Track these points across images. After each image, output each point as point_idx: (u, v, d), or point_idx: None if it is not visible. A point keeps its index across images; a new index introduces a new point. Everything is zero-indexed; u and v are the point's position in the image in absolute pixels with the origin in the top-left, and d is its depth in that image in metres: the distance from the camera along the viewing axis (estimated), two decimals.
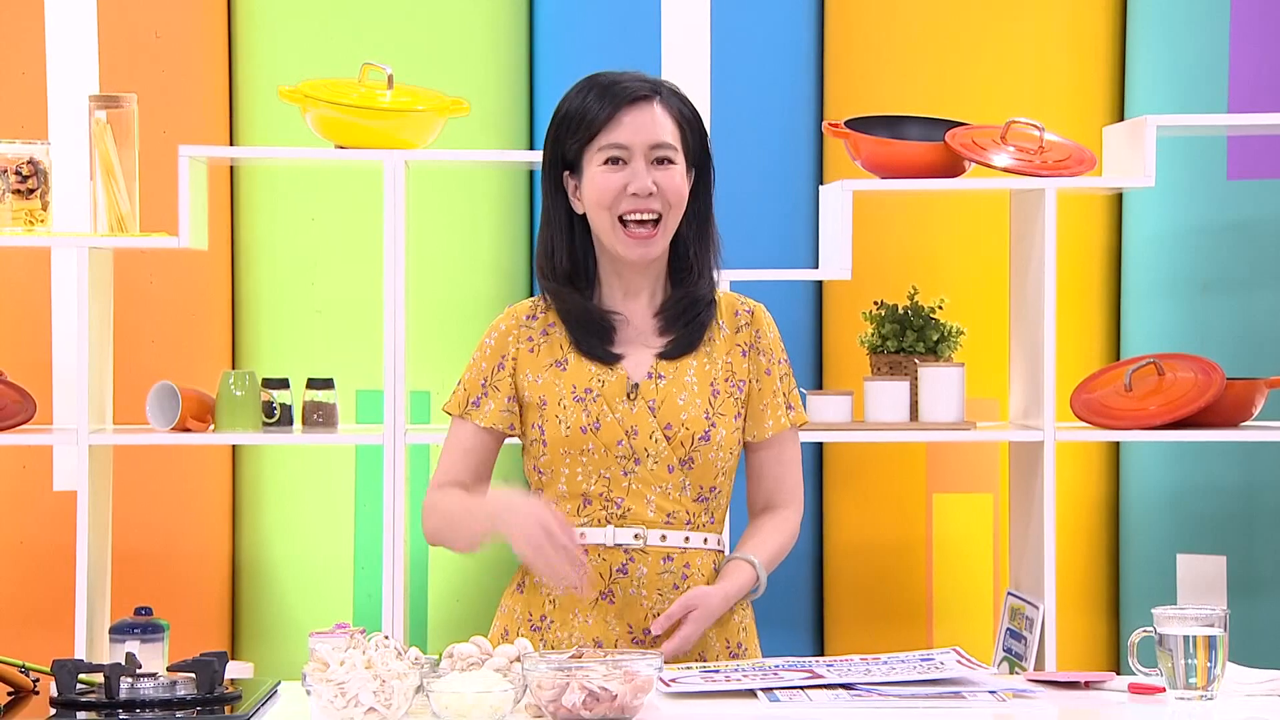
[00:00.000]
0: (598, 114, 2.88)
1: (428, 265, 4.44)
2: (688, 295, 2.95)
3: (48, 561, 4.33)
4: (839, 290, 4.56)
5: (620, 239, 2.89)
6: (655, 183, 2.87)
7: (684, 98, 2.95)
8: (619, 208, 2.88)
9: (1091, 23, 4.55)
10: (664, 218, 2.89)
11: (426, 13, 4.51)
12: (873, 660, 2.81)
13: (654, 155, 2.89)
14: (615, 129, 2.88)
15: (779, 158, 4.59)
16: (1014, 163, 4.02)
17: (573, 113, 2.92)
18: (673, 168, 2.90)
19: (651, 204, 2.88)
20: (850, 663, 2.80)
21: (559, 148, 2.94)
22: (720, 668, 2.79)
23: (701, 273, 2.96)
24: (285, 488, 4.52)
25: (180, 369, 4.37)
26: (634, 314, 2.95)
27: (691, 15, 4.53)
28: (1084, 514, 4.55)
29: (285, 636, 4.49)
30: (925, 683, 2.70)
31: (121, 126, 3.98)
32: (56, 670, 2.64)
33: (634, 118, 2.88)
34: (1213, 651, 2.65)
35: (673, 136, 2.90)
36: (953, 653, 2.82)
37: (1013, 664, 4.08)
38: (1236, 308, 4.34)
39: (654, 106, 2.90)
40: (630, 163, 2.88)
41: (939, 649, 2.87)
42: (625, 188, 2.87)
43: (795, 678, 2.71)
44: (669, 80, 2.97)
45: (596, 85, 2.92)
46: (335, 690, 2.46)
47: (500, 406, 2.94)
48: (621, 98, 2.89)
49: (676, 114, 2.92)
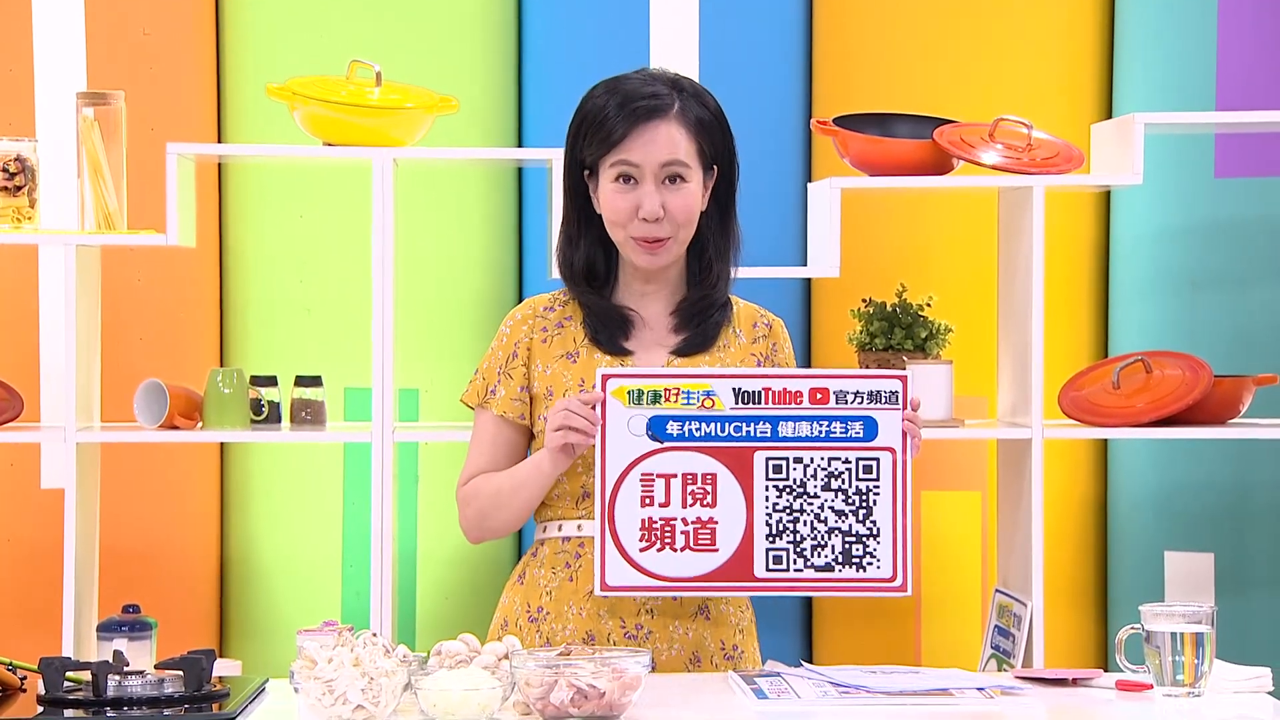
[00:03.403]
0: (613, 129, 2.89)
1: (416, 263, 4.44)
2: (705, 296, 2.97)
3: (35, 559, 4.32)
4: (827, 288, 4.56)
5: (632, 249, 2.93)
6: (665, 205, 2.89)
7: (705, 99, 2.95)
8: (630, 229, 2.90)
9: (1080, 21, 4.56)
10: (673, 237, 2.91)
11: (415, 10, 4.51)
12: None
13: (665, 173, 2.90)
14: (628, 146, 2.89)
15: (767, 155, 4.59)
16: (1002, 160, 4.02)
17: (591, 119, 2.93)
18: (684, 186, 2.91)
19: (659, 229, 2.90)
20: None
21: (577, 151, 2.95)
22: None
23: (720, 273, 2.98)
24: (273, 485, 4.52)
25: (168, 366, 4.37)
26: (650, 313, 2.98)
27: (680, 13, 4.53)
28: (1072, 511, 4.55)
29: (273, 634, 4.49)
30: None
31: (109, 124, 3.98)
32: (44, 668, 2.64)
33: (648, 137, 2.89)
34: (1200, 649, 2.65)
35: (686, 152, 2.90)
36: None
37: (1001, 661, 4.09)
38: (1224, 305, 4.35)
39: (668, 122, 2.90)
40: (641, 183, 2.89)
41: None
42: (636, 210, 2.89)
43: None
44: (687, 78, 2.96)
45: (617, 94, 2.92)
46: (323, 688, 2.46)
47: (512, 395, 2.96)
48: (637, 115, 2.89)
49: (694, 122, 2.91)
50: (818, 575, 2.84)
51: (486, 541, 3.04)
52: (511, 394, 2.96)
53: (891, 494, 2.84)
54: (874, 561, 2.83)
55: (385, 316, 4.00)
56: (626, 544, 2.81)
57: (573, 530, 2.94)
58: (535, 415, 2.96)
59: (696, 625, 2.92)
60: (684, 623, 2.92)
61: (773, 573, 2.83)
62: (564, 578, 2.93)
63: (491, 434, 2.98)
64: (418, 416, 4.46)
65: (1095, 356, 4.57)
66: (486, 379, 2.99)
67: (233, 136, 4.56)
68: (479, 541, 3.00)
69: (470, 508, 2.96)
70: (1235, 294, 4.34)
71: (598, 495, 2.81)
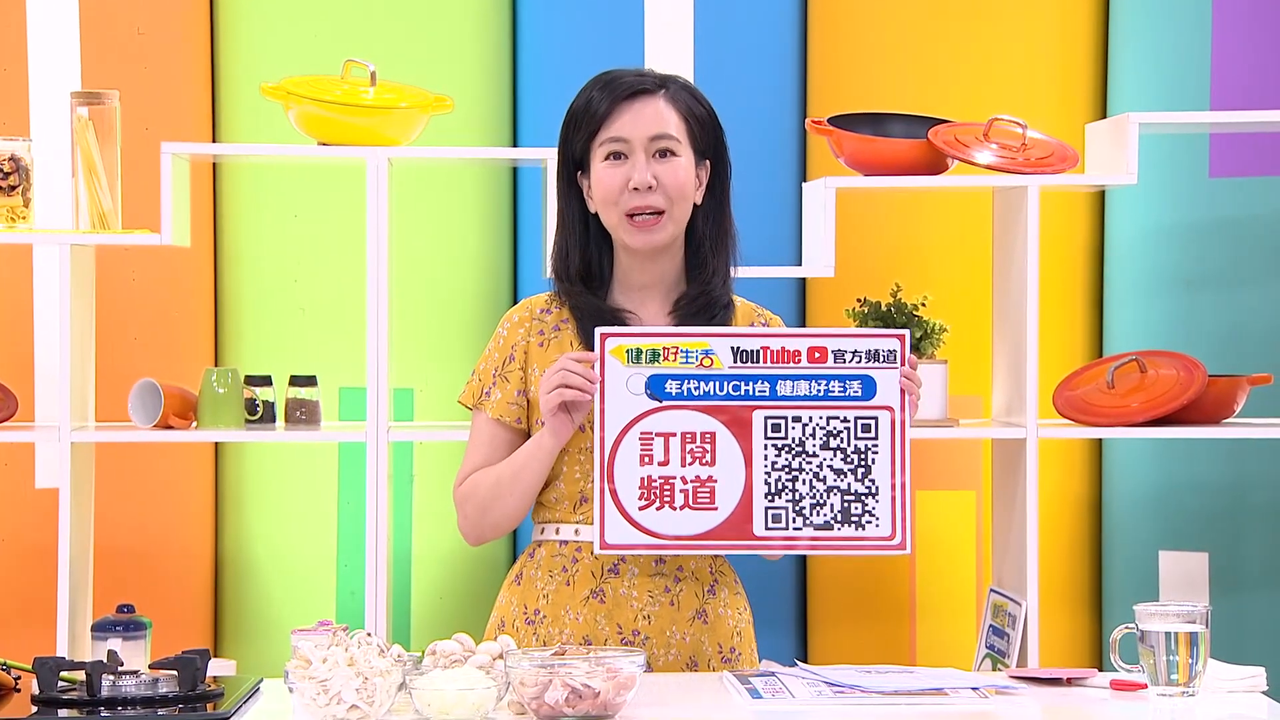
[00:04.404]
0: (598, 108, 2.89)
1: (411, 262, 4.44)
2: (704, 295, 2.95)
3: (29, 559, 4.32)
4: (822, 287, 4.57)
5: (625, 228, 2.91)
6: (656, 176, 2.87)
7: (695, 94, 2.95)
8: (623, 204, 2.89)
9: (1074, 20, 4.56)
10: (667, 211, 2.89)
11: (409, 10, 4.51)
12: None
13: (655, 147, 2.89)
14: (615, 122, 2.89)
15: (762, 155, 4.60)
16: (997, 160, 4.02)
17: (577, 110, 2.93)
18: (675, 160, 2.90)
19: (653, 199, 2.88)
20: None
21: (568, 147, 2.95)
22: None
23: (716, 270, 2.96)
24: (268, 485, 4.52)
25: (162, 366, 4.36)
26: (647, 315, 2.96)
27: (675, 12, 4.53)
28: (1066, 511, 4.55)
29: (268, 634, 4.49)
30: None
31: (103, 123, 3.97)
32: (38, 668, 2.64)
33: (634, 110, 2.89)
34: (1194, 648, 2.65)
35: (676, 129, 2.90)
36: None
37: (995, 661, 4.09)
38: (1218, 305, 4.35)
39: (657, 100, 2.90)
40: (631, 156, 2.89)
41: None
42: (627, 183, 2.88)
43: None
44: (681, 77, 2.97)
45: (600, 81, 2.93)
46: (318, 688, 2.46)
47: (508, 398, 2.95)
48: (620, 91, 2.89)
49: (684, 109, 2.92)
50: (817, 534, 2.84)
51: (486, 543, 3.02)
52: (508, 398, 2.95)
53: (890, 453, 2.84)
54: (873, 520, 2.84)
55: (380, 316, 4.00)
56: (626, 502, 2.81)
57: (570, 535, 2.93)
58: (532, 420, 2.95)
59: (694, 629, 2.92)
60: (681, 627, 2.91)
61: (772, 531, 2.83)
62: (561, 582, 2.93)
63: (488, 436, 2.97)
64: (413, 416, 4.46)
65: (1090, 356, 4.57)
66: (483, 381, 2.98)
67: (227, 136, 4.56)
68: (479, 543, 2.98)
69: (469, 504, 2.94)
70: (1230, 294, 4.34)
71: (596, 454, 2.80)
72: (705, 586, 2.93)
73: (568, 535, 2.93)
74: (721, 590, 2.95)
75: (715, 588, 2.94)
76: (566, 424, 2.84)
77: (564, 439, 2.85)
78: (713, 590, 2.94)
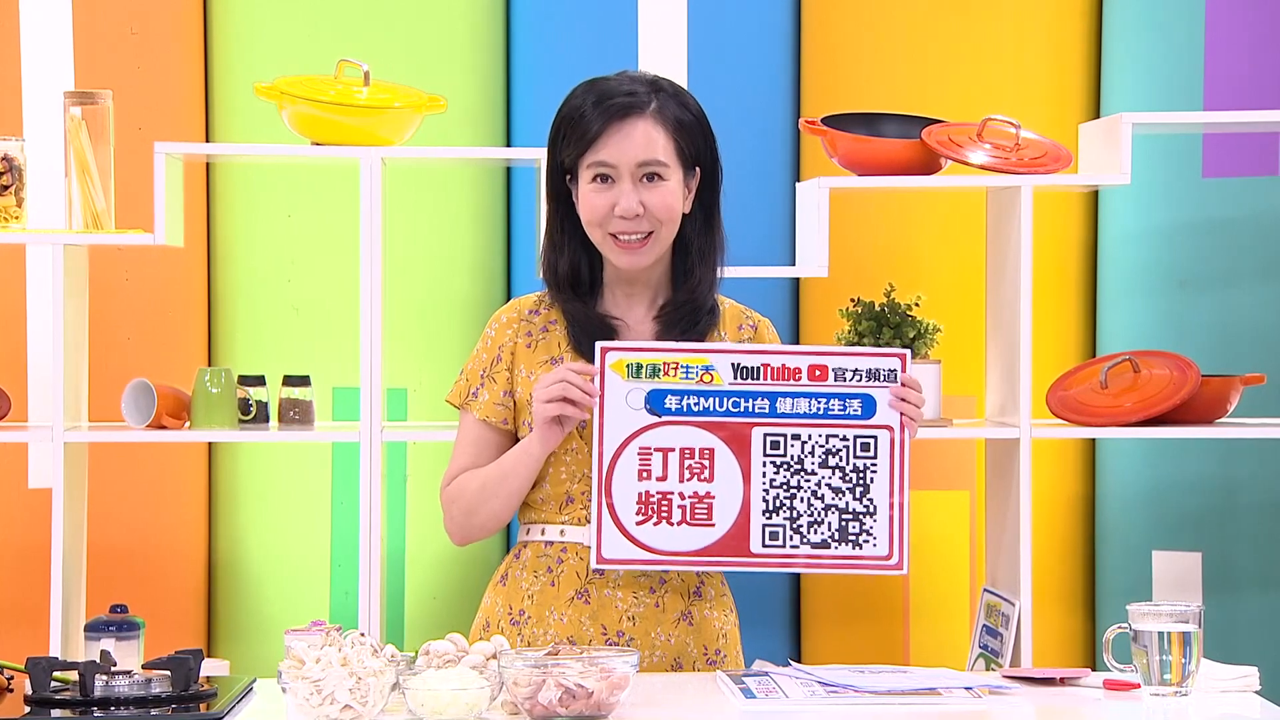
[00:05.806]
0: (589, 128, 2.86)
1: (404, 262, 4.43)
2: (689, 300, 2.94)
3: (22, 559, 4.31)
4: (816, 287, 4.57)
5: (611, 249, 2.90)
6: (643, 202, 2.86)
7: (684, 100, 2.91)
8: (608, 226, 2.88)
9: (1068, 20, 4.56)
10: (654, 233, 2.89)
11: (403, 9, 4.50)
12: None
13: (642, 173, 2.87)
14: (603, 146, 2.86)
15: (756, 155, 4.60)
16: (990, 160, 4.03)
17: (568, 120, 2.90)
18: (663, 184, 2.88)
19: (639, 225, 2.87)
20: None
21: (557, 156, 2.93)
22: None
23: (703, 277, 2.95)
24: (261, 485, 4.51)
25: (156, 366, 4.36)
26: (634, 320, 2.96)
27: (668, 12, 4.53)
28: (1060, 511, 4.56)
29: (261, 634, 4.48)
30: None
31: (97, 123, 3.97)
32: (31, 668, 2.64)
33: (622, 135, 2.86)
34: (1187, 648, 2.66)
35: (663, 151, 2.87)
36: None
37: (989, 660, 4.09)
38: (1212, 305, 4.35)
39: (645, 120, 2.87)
40: (618, 182, 2.87)
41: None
42: (613, 207, 2.87)
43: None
44: (670, 81, 2.94)
45: (594, 93, 2.89)
46: (311, 688, 2.46)
47: (495, 399, 2.94)
48: (611, 113, 2.86)
49: (672, 122, 2.88)
50: (814, 552, 2.84)
51: (472, 543, 3.02)
52: (494, 399, 2.95)
53: (889, 472, 2.84)
54: (870, 539, 2.84)
55: (374, 316, 4.00)
56: (623, 517, 2.81)
57: (555, 535, 2.93)
58: (519, 421, 2.95)
59: (679, 631, 2.92)
60: (666, 629, 2.91)
61: (769, 548, 2.83)
62: (545, 582, 2.92)
63: (474, 436, 2.97)
64: (406, 416, 4.46)
65: (1083, 356, 4.57)
66: (470, 381, 2.97)
67: (221, 136, 4.55)
68: (464, 543, 2.98)
69: (456, 505, 2.94)
70: (1223, 294, 4.34)
71: (594, 468, 2.81)
72: (691, 589, 2.93)
73: (553, 536, 2.92)
74: (707, 593, 2.95)
75: (701, 590, 2.94)
76: (557, 434, 2.84)
77: (552, 447, 2.86)
78: (698, 593, 2.94)
